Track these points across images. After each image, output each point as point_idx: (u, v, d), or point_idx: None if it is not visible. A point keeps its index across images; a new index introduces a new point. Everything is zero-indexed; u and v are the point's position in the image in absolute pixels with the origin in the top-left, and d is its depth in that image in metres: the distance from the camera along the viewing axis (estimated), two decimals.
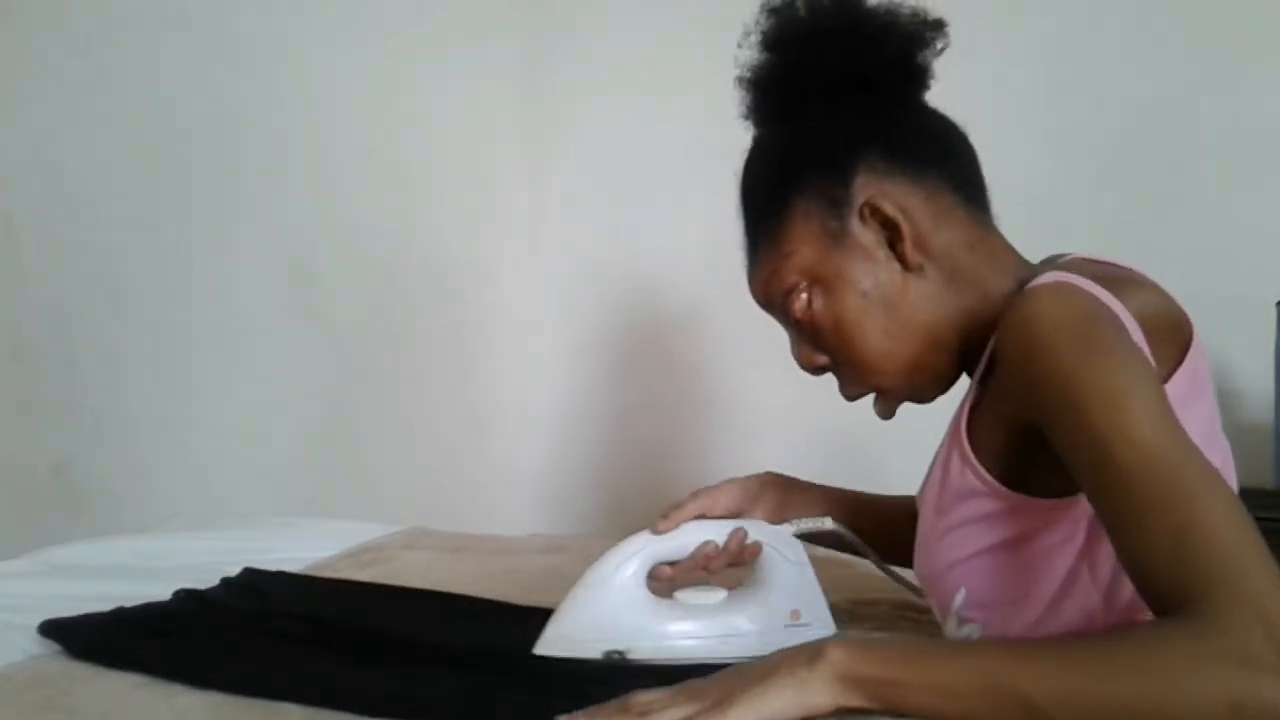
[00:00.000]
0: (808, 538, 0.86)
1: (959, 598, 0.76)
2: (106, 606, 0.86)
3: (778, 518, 0.88)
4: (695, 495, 0.87)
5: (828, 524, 0.85)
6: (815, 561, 0.84)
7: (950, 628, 0.77)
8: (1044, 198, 1.78)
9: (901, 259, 0.75)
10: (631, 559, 0.81)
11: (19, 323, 2.04)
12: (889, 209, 0.75)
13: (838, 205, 0.76)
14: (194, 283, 1.98)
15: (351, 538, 1.37)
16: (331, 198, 1.95)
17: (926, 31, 0.78)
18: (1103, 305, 0.67)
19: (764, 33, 0.81)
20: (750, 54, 0.82)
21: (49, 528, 1.91)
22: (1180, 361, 0.71)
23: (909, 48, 0.78)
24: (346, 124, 1.95)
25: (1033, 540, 0.71)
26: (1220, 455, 0.74)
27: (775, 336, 0.85)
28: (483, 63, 1.92)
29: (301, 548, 1.27)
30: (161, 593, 0.93)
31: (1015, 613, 0.73)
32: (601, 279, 1.91)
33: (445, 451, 1.94)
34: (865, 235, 0.76)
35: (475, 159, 1.93)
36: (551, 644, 0.78)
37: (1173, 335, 0.73)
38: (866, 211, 0.76)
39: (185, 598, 0.93)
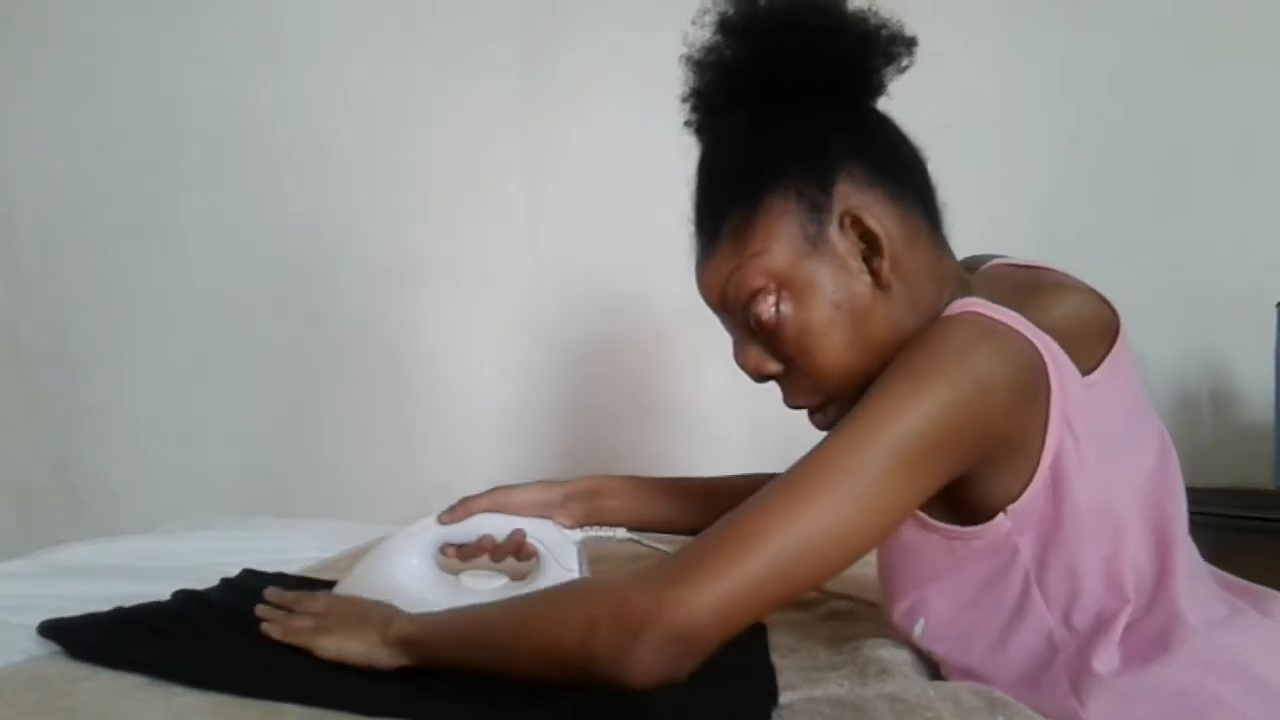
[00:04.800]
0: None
1: (918, 628, 0.76)
2: (106, 607, 0.85)
3: (584, 523, 0.94)
4: (493, 491, 0.93)
5: (620, 534, 0.94)
6: None
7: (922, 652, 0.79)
8: (1046, 198, 1.79)
9: (875, 275, 0.73)
10: (414, 538, 0.91)
11: (18, 323, 2.04)
12: (872, 223, 0.72)
13: (816, 209, 0.73)
14: (193, 283, 1.98)
15: (351, 538, 1.37)
16: (330, 199, 1.95)
17: (897, 47, 0.76)
18: (992, 340, 0.67)
19: (720, 15, 0.77)
20: (704, 34, 0.78)
21: (49, 528, 1.91)
22: (1104, 356, 0.73)
23: (879, 61, 0.76)
24: (346, 124, 1.95)
25: (969, 568, 0.73)
26: (1142, 425, 0.75)
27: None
28: (483, 63, 1.92)
29: (301, 548, 1.27)
30: (161, 593, 0.93)
31: (971, 641, 0.74)
32: (596, 280, 1.91)
33: (443, 453, 1.94)
34: (842, 245, 0.73)
35: (473, 159, 1.93)
36: None
37: (1100, 335, 0.74)
38: (847, 221, 0.72)
39: (185, 598, 0.92)
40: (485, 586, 0.91)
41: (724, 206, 0.76)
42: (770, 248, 0.73)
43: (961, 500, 0.70)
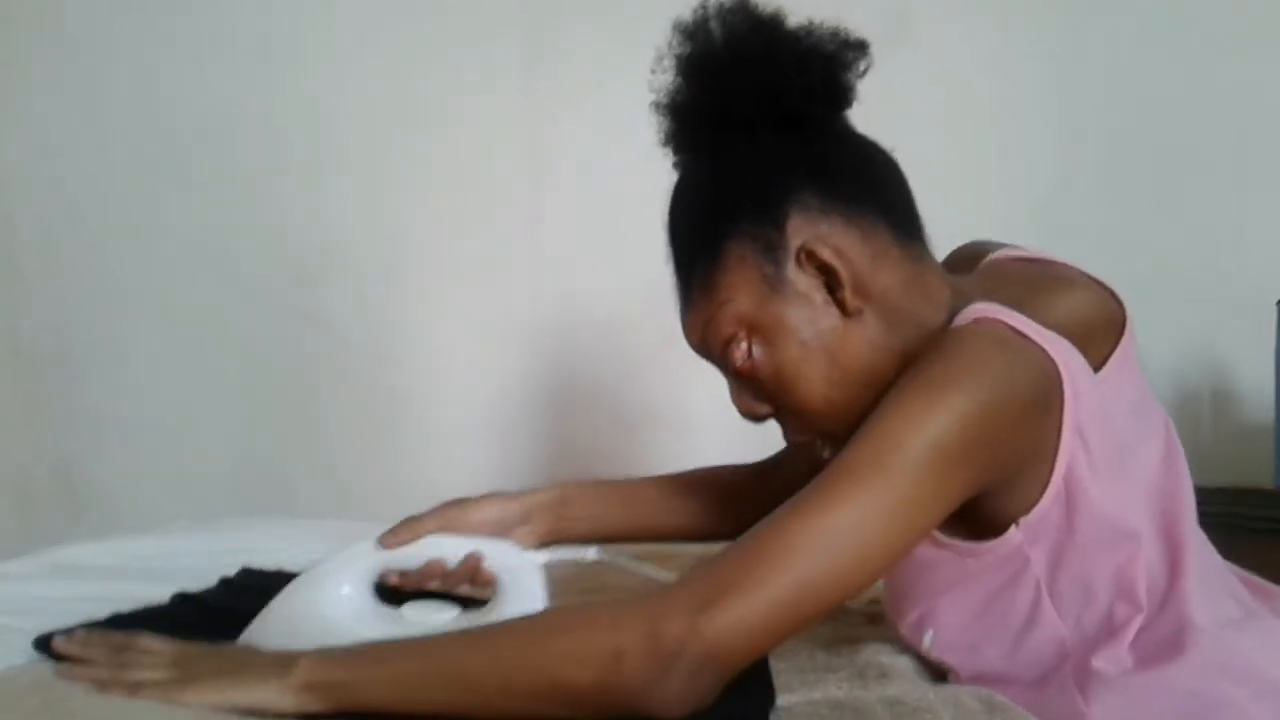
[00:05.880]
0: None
1: (927, 639, 0.76)
2: (107, 607, 0.85)
3: (549, 541, 0.87)
4: (443, 509, 0.85)
5: (590, 555, 0.85)
6: None
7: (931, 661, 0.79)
8: (1046, 198, 1.78)
9: (840, 305, 0.72)
10: (347, 565, 0.80)
11: (19, 323, 2.04)
12: (826, 255, 0.71)
13: (772, 250, 0.72)
14: (193, 283, 1.98)
15: (352, 537, 1.37)
16: (330, 198, 1.95)
17: (848, 53, 0.74)
18: (1008, 352, 0.66)
19: (678, 57, 0.76)
20: (665, 78, 0.77)
21: (49, 528, 1.91)
22: (1113, 350, 0.73)
23: (831, 72, 0.74)
24: (347, 124, 1.95)
25: (980, 580, 0.72)
26: (1149, 417, 0.75)
27: None
28: (484, 63, 1.92)
29: (303, 547, 1.27)
30: (162, 593, 0.93)
31: (982, 650, 0.74)
32: (597, 281, 1.90)
33: (445, 454, 1.94)
34: (802, 281, 0.72)
35: (474, 160, 1.93)
36: (250, 638, 0.77)
37: (1105, 330, 0.74)
38: (803, 257, 0.72)
39: (182, 600, 0.92)
40: (434, 619, 0.78)
41: (690, 258, 0.76)
42: (735, 296, 0.73)
43: (973, 515, 0.69)
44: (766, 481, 0.96)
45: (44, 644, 0.77)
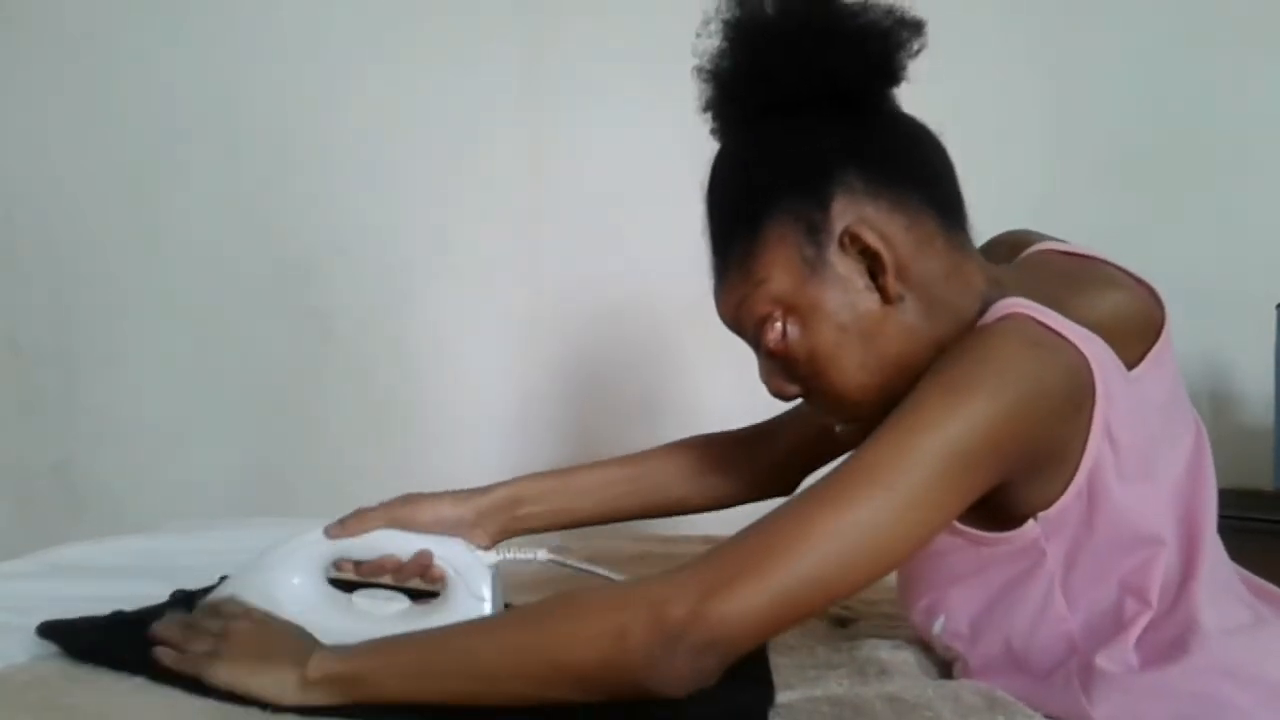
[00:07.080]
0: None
1: (937, 625, 0.76)
2: (107, 606, 0.85)
3: (503, 538, 0.89)
4: (393, 504, 0.86)
5: (541, 556, 0.86)
6: None
7: (938, 650, 0.79)
8: (1045, 198, 1.79)
9: (882, 291, 0.71)
10: (298, 552, 0.82)
11: (18, 322, 2.04)
12: (871, 239, 0.70)
13: (815, 231, 0.71)
14: (193, 282, 1.98)
15: None
16: (330, 197, 1.95)
17: (903, 31, 0.72)
18: (1039, 351, 0.66)
19: (725, 22, 0.73)
20: (711, 43, 0.75)
21: (49, 528, 1.91)
22: (1148, 350, 0.72)
23: (887, 51, 0.72)
24: (347, 123, 1.95)
25: (994, 570, 0.72)
26: (1179, 418, 0.76)
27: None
28: (483, 62, 1.92)
29: None
30: (163, 592, 0.93)
31: (990, 639, 0.73)
32: (598, 280, 1.90)
33: (446, 453, 1.94)
34: (844, 264, 0.71)
35: (473, 159, 1.93)
36: None
37: (1143, 330, 0.74)
38: (846, 240, 0.70)
39: (183, 598, 0.92)
40: (384, 608, 0.81)
41: (729, 233, 0.75)
42: (773, 275, 0.72)
43: (992, 505, 0.69)
44: (757, 449, 0.98)
45: (46, 631, 0.77)
